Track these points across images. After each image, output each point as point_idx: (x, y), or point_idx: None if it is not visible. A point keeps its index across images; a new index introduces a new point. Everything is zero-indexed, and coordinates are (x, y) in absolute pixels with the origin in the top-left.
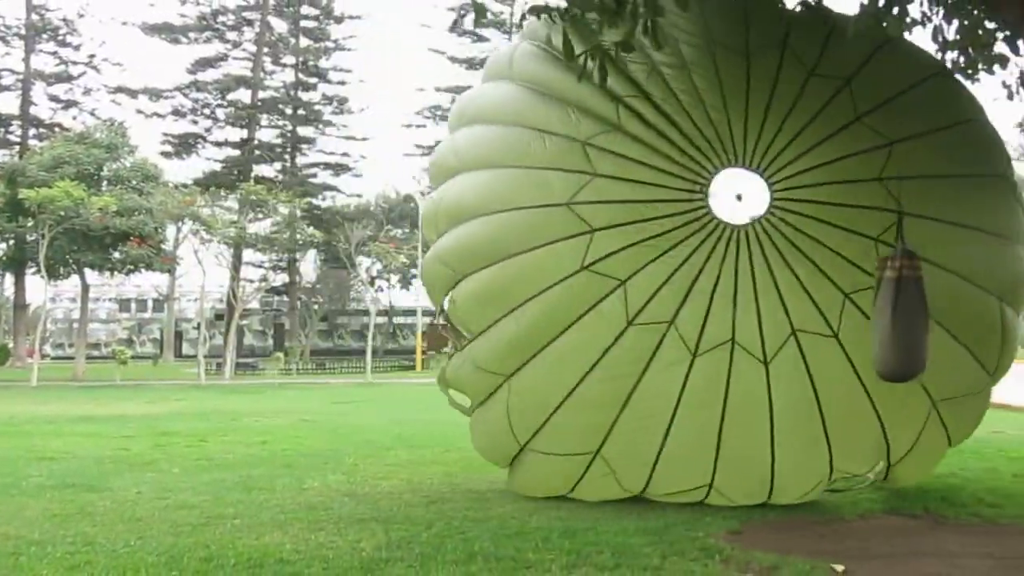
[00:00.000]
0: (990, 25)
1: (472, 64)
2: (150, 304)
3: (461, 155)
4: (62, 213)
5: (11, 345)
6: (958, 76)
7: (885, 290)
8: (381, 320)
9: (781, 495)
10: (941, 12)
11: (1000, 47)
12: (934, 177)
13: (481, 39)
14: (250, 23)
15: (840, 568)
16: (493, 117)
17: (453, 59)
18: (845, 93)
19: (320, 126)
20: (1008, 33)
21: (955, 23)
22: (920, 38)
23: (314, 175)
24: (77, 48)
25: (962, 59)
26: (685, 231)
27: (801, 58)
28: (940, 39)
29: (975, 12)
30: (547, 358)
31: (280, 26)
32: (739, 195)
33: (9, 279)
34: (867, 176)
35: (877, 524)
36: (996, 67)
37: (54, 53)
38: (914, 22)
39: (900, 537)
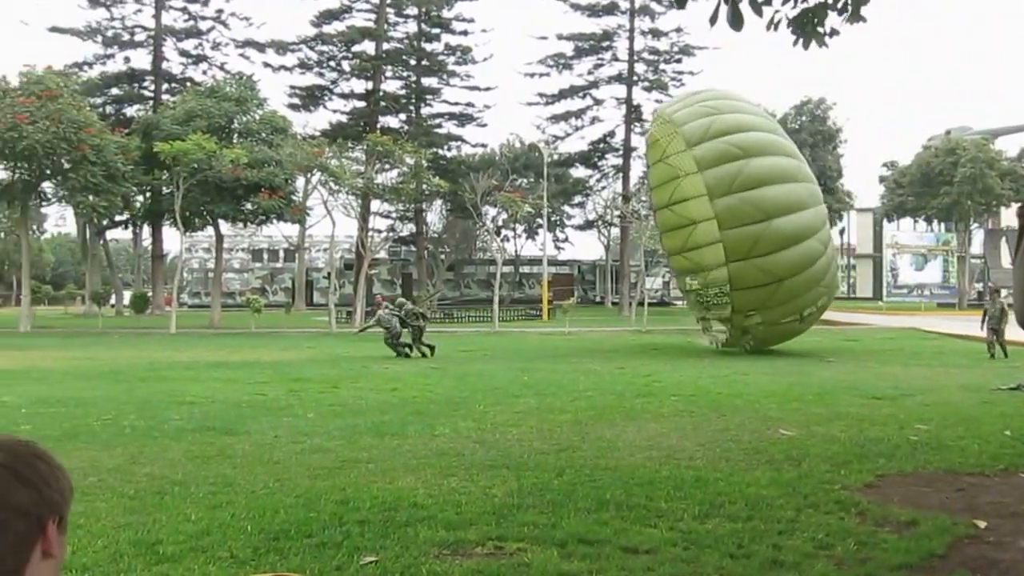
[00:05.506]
0: None
1: (594, 11)
2: (281, 254)
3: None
4: (195, 165)
5: (150, 294)
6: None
7: None
8: (507, 269)
9: None
10: None
11: None
12: None
13: None
14: None
15: (982, 524)
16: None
17: (575, 6)
18: None
19: (444, 76)
20: None
21: None
22: None
23: (439, 125)
24: (205, 4)
25: None
26: None
27: None
28: None
29: None
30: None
31: None
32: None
33: (147, 230)
34: None
35: (1019, 481)
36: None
37: (183, 9)
38: None
39: None
